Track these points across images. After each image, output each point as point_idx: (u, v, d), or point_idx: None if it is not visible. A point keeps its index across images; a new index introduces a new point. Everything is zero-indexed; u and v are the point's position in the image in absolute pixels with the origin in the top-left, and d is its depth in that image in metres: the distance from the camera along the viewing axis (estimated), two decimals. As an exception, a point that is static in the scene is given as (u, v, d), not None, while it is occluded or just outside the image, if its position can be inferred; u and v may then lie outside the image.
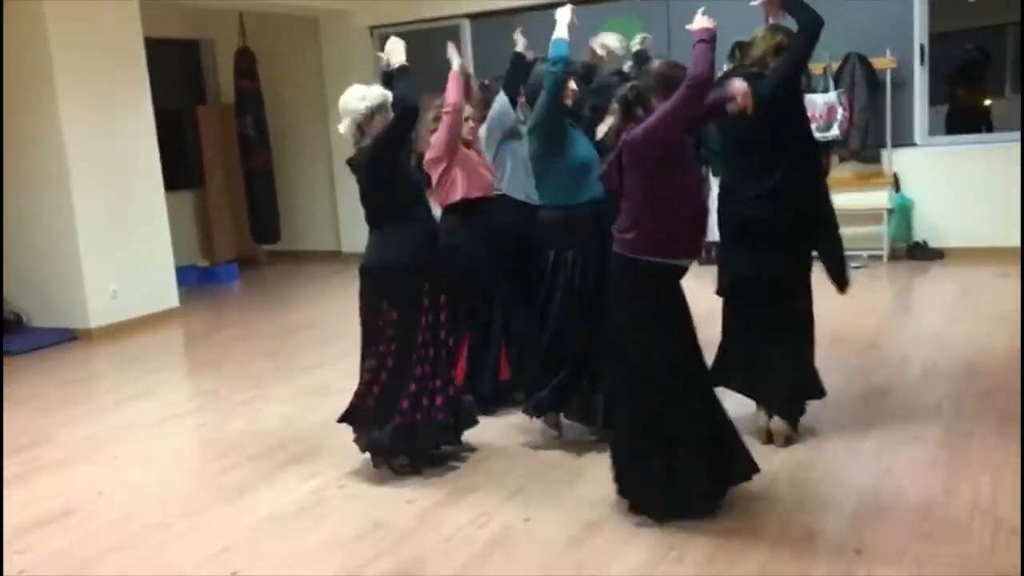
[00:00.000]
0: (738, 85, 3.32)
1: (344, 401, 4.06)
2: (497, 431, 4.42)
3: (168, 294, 7.89)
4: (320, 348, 6.41)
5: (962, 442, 3.91)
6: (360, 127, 3.88)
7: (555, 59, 3.90)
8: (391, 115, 3.85)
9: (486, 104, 5.00)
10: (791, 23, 3.88)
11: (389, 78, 3.99)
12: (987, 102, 8.94)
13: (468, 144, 4.60)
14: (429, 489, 3.84)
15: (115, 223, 7.39)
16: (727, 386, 4.05)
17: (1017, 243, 7.57)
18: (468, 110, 4.65)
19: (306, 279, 9.45)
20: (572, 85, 4.10)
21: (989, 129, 8.56)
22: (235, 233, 10.29)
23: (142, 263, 7.62)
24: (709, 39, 3.20)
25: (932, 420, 4.20)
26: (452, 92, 4.42)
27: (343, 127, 3.89)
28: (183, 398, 5.76)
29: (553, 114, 3.95)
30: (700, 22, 3.27)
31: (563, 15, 4.04)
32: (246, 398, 5.38)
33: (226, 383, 5.73)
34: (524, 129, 4.43)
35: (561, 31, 3.98)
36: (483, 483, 3.87)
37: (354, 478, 4.02)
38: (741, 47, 3.95)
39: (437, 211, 4.33)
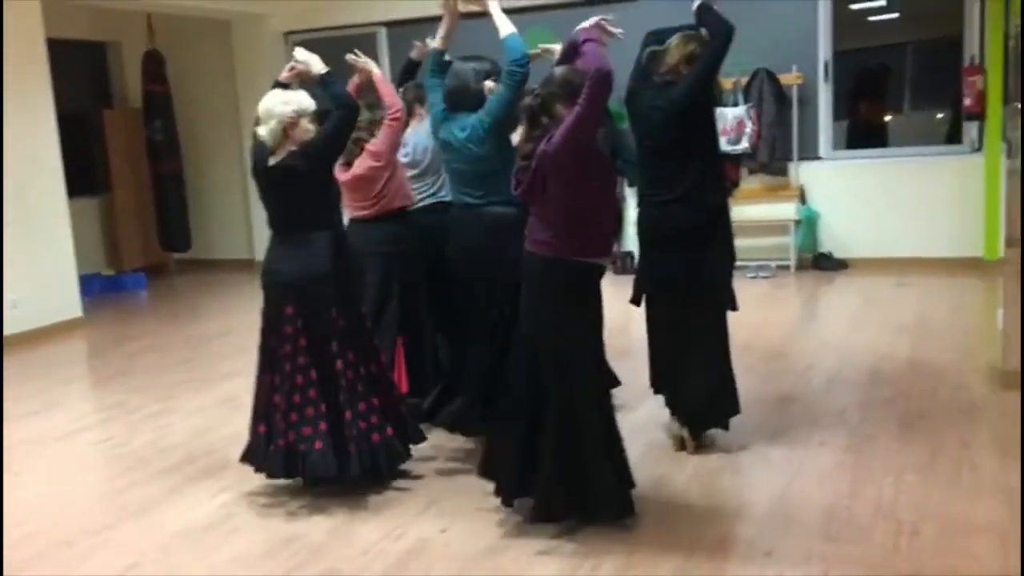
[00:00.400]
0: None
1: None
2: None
3: (71, 304, 7.62)
4: (232, 358, 6.27)
5: (866, 447, 4.05)
6: (286, 130, 3.81)
7: (518, 57, 3.79)
8: (312, 120, 3.81)
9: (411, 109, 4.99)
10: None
11: (283, 85, 3.94)
12: (887, 118, 9.30)
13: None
14: (342, 503, 3.78)
15: (14, 230, 7.10)
16: (659, 393, 4.15)
17: (914, 254, 7.90)
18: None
19: (218, 288, 9.25)
20: (490, 84, 4.03)
21: (884, 144, 8.91)
22: (143, 241, 10.01)
23: (43, 271, 7.34)
24: (597, 38, 3.39)
25: (837, 426, 4.33)
26: (393, 96, 4.40)
27: (266, 130, 3.79)
28: (88, 411, 5.57)
29: (512, 111, 3.89)
30: (590, 22, 3.52)
31: (495, 7, 3.92)
32: (155, 411, 5.23)
33: (134, 395, 5.57)
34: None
35: (507, 25, 3.84)
36: (397, 496, 3.84)
37: (266, 492, 3.94)
38: (655, 55, 4.01)
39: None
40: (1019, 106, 6.45)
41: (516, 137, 3.50)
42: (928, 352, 5.44)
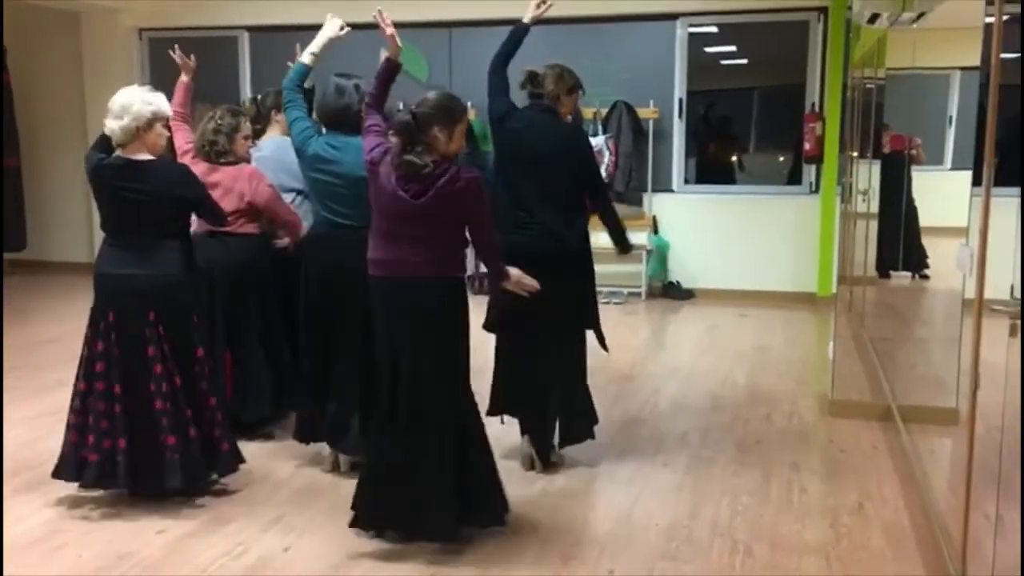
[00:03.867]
0: (514, 278, 3.53)
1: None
2: (259, 455, 4.26)
3: None
4: (63, 366, 5.83)
5: (705, 468, 4.20)
6: (139, 131, 3.65)
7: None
8: (163, 128, 3.72)
9: (257, 118, 4.89)
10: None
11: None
12: (733, 158, 9.76)
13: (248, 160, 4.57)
14: (181, 518, 3.62)
15: None
16: (503, 412, 4.16)
17: (755, 287, 8.30)
18: (248, 128, 4.59)
19: (52, 291, 8.71)
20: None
21: (731, 182, 9.35)
22: (-30, 238, 9.35)
23: None
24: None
25: (679, 448, 4.49)
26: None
27: (118, 125, 3.62)
28: None
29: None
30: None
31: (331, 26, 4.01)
32: (-26, 419, 4.86)
33: (-49, 403, 5.16)
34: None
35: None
36: (241, 512, 3.71)
37: (96, 507, 3.73)
38: (533, 78, 4.08)
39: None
40: (853, 154, 6.92)
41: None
42: (765, 380, 5.72)
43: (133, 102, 3.63)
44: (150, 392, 3.63)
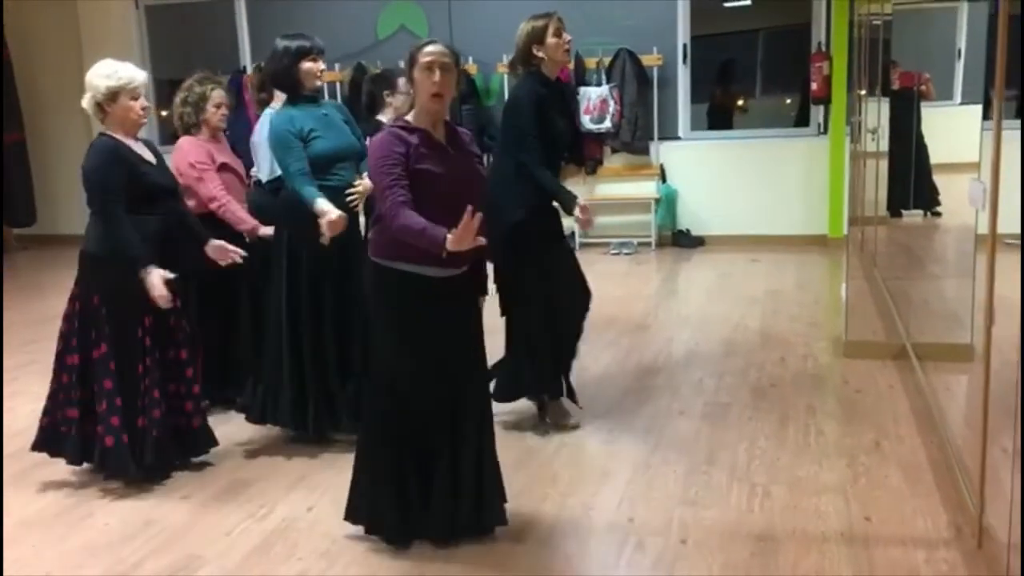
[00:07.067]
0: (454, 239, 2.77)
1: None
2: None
3: None
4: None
5: (721, 414, 4.22)
6: (100, 105, 3.61)
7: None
8: (140, 97, 3.64)
9: (262, 86, 4.85)
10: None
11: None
12: (740, 102, 9.67)
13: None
14: (204, 483, 3.68)
15: None
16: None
17: (765, 231, 8.27)
18: (221, 96, 4.48)
19: (61, 265, 8.69)
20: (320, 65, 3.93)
21: (729, 127, 9.28)
22: (-21, 215, 9.39)
23: None
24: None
25: (695, 395, 4.50)
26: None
27: (85, 102, 3.63)
28: (-81, 397, 5.18)
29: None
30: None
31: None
32: (-5, 395, 4.92)
33: (-29, 379, 5.22)
34: None
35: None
36: (264, 474, 3.76)
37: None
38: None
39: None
40: (862, 93, 6.84)
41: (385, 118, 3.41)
42: (778, 324, 5.71)
43: (92, 76, 3.58)
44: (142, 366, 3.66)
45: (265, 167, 4.60)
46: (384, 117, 4.25)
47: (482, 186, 3.12)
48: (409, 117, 2.98)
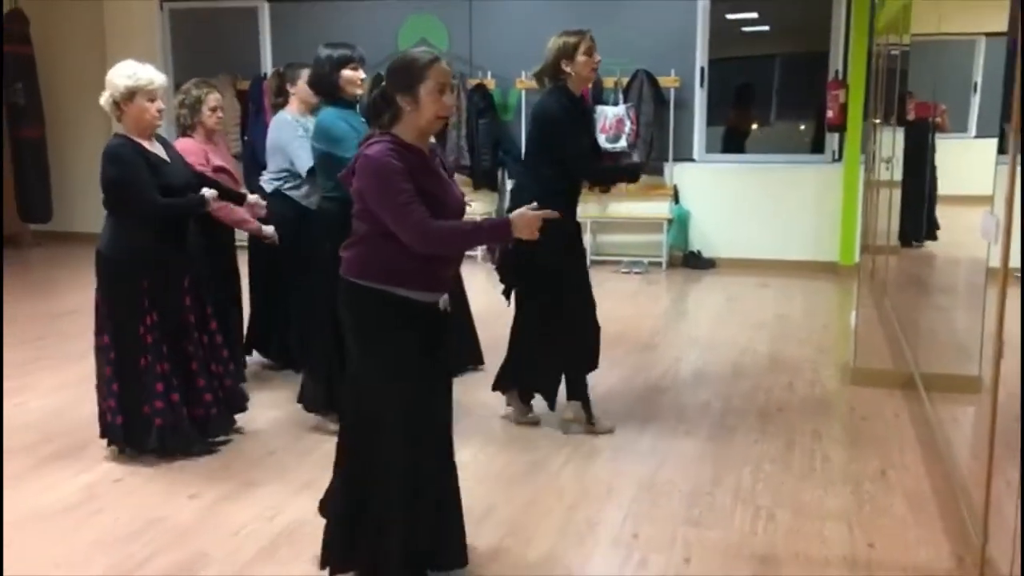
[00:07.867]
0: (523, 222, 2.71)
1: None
2: (286, 421, 4.34)
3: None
4: (90, 335, 5.98)
5: (727, 437, 4.24)
6: (117, 104, 3.69)
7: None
8: (157, 99, 3.74)
9: (279, 91, 4.93)
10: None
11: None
12: (754, 127, 9.71)
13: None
14: (213, 483, 3.71)
15: None
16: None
17: (776, 256, 8.29)
18: (217, 99, 4.61)
19: (75, 262, 8.80)
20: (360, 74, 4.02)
21: (743, 151, 9.31)
22: (-3, 210, 9.46)
23: None
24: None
25: (701, 416, 4.52)
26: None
27: (103, 99, 3.72)
28: (-68, 387, 5.23)
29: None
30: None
31: None
32: (7, 389, 4.96)
33: (-16, 372, 5.27)
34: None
35: None
36: (273, 476, 3.79)
37: (130, 473, 3.82)
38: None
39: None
40: (877, 122, 6.87)
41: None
42: (786, 349, 5.73)
43: (113, 75, 3.68)
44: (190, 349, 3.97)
45: (304, 156, 4.58)
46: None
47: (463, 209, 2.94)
48: (399, 133, 2.69)
